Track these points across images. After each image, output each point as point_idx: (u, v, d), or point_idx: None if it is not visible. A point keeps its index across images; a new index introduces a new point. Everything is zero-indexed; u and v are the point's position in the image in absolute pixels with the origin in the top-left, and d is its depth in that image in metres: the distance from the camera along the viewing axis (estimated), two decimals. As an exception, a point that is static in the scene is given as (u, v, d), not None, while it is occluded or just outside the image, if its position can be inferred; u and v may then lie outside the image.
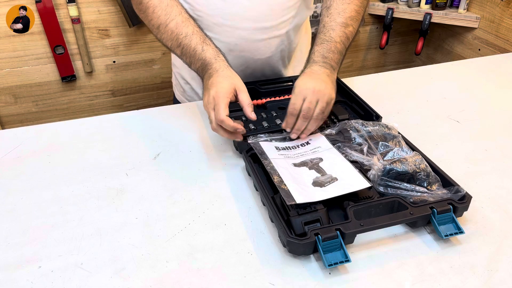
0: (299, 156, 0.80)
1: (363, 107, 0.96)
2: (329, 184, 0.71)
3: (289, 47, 1.08)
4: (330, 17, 0.91)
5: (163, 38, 0.90)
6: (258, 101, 1.02)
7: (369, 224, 0.64)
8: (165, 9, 0.89)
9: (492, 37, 1.76)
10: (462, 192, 0.70)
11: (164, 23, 0.89)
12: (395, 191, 0.72)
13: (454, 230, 0.66)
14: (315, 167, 0.75)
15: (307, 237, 0.62)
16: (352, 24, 0.92)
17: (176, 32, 0.87)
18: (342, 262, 0.61)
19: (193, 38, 0.86)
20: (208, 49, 0.86)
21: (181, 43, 0.87)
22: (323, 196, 0.68)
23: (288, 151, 0.82)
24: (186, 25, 0.87)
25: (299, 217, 0.66)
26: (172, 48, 0.90)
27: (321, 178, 0.73)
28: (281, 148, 0.82)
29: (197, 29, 0.88)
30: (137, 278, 0.62)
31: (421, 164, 0.74)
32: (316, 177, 0.73)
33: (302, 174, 0.75)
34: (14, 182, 0.82)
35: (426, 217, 0.67)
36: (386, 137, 0.82)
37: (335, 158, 0.78)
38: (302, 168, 0.77)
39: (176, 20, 0.88)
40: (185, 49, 0.87)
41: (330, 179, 0.72)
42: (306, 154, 0.80)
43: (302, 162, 0.78)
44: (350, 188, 0.70)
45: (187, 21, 0.88)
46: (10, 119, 1.88)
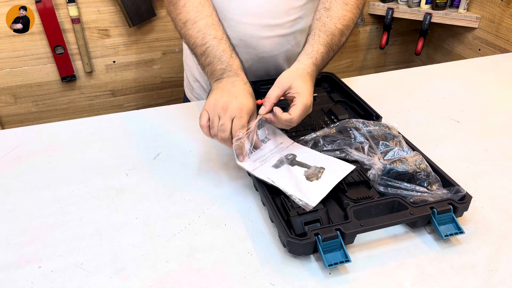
0: (270, 156, 0.79)
1: (363, 107, 0.96)
2: (322, 175, 0.72)
3: (295, 48, 1.08)
4: (330, 19, 0.90)
5: (188, 34, 0.88)
6: (258, 101, 1.02)
7: (369, 224, 0.64)
8: (197, 7, 0.88)
9: (492, 37, 1.76)
10: (462, 192, 0.70)
11: (193, 20, 0.87)
12: (395, 191, 0.72)
13: (454, 230, 0.66)
14: (297, 162, 0.75)
15: (307, 237, 0.62)
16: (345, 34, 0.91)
17: (204, 31, 0.85)
18: (342, 262, 0.61)
19: (222, 42, 0.84)
20: (237, 59, 0.84)
21: (207, 43, 0.84)
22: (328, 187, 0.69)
23: (255, 154, 0.79)
24: (216, 29, 0.86)
25: (299, 217, 0.66)
26: (195, 45, 0.87)
27: (310, 171, 0.73)
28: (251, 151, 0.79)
29: (226, 36, 0.87)
30: (137, 278, 0.62)
31: (421, 164, 0.74)
32: (305, 171, 0.74)
33: (291, 173, 0.74)
34: (14, 182, 0.82)
35: (426, 217, 0.67)
36: (387, 136, 0.82)
37: (305, 151, 0.78)
38: (284, 167, 0.76)
39: (206, 20, 0.86)
40: (210, 49, 0.84)
41: (318, 169, 0.73)
42: (276, 151, 0.80)
43: (279, 161, 0.78)
44: (342, 174, 0.71)
45: (217, 24, 0.87)
46: (10, 119, 1.88)
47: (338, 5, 0.91)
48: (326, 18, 0.90)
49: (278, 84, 0.80)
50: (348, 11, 0.91)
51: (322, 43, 0.86)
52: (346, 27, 0.91)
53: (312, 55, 0.85)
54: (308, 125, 0.93)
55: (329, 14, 0.90)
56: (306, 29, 1.06)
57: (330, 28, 0.88)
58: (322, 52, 0.86)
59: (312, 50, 0.86)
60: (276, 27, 1.00)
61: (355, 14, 0.93)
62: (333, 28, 0.88)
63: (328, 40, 0.87)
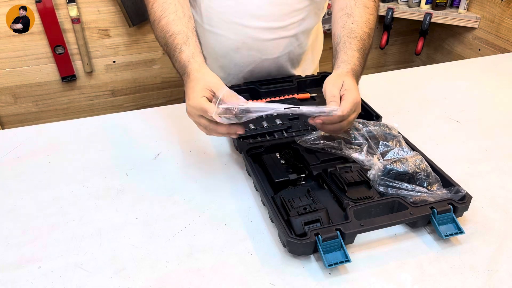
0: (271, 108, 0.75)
1: (363, 107, 0.96)
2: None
3: (298, 49, 1.08)
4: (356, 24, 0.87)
5: (156, 35, 0.88)
6: (258, 101, 1.02)
7: (369, 224, 0.64)
8: (162, 5, 0.86)
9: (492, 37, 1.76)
10: (462, 192, 0.70)
11: (158, 19, 0.86)
12: (395, 191, 0.72)
13: (454, 230, 0.66)
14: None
15: (307, 237, 0.62)
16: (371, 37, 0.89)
17: (165, 30, 0.84)
18: (342, 262, 0.61)
19: (177, 37, 0.81)
20: (186, 50, 0.80)
21: (167, 42, 0.83)
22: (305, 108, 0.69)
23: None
24: (176, 24, 0.83)
25: (299, 217, 0.66)
26: (162, 46, 0.87)
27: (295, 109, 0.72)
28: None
29: (184, 29, 0.83)
30: (137, 278, 0.62)
31: (421, 164, 0.74)
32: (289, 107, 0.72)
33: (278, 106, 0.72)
34: (14, 182, 0.82)
35: (426, 217, 0.67)
36: (387, 136, 0.82)
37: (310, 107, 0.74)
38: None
39: (168, 18, 0.84)
40: (168, 48, 0.83)
41: None
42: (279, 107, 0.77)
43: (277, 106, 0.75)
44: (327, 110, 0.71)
45: (178, 20, 0.84)
46: (10, 119, 1.88)
47: (360, 9, 0.88)
48: (351, 24, 0.87)
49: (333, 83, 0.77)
50: (371, 14, 0.89)
51: (355, 49, 0.84)
52: (372, 30, 0.89)
53: (349, 61, 0.82)
54: (308, 125, 0.93)
55: (353, 20, 0.88)
56: (309, 30, 1.06)
57: (359, 34, 0.86)
58: (358, 57, 0.83)
59: (348, 57, 0.83)
60: (279, 30, 1.00)
61: (376, 16, 0.92)
62: (361, 33, 0.86)
63: (360, 45, 0.85)
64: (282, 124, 0.93)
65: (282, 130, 0.92)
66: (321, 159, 0.81)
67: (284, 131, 0.92)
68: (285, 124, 0.93)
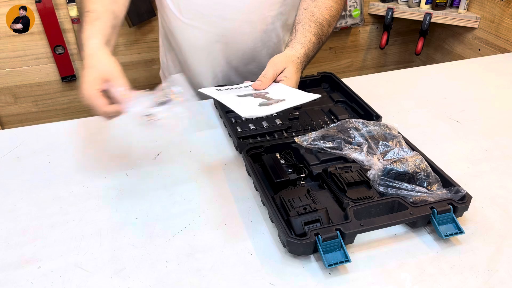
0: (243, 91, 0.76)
1: (363, 107, 0.96)
2: (276, 103, 0.68)
3: (278, 44, 1.07)
4: (318, 9, 0.89)
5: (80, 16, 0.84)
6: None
7: (369, 224, 0.64)
8: None
9: (492, 37, 1.76)
10: (462, 192, 0.70)
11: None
12: (395, 191, 0.72)
13: (454, 230, 0.66)
14: (261, 96, 0.72)
15: (307, 237, 0.62)
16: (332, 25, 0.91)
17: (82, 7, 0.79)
18: (342, 262, 0.61)
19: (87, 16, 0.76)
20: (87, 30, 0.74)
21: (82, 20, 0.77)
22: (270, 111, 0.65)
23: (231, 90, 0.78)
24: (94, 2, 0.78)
25: (299, 217, 0.66)
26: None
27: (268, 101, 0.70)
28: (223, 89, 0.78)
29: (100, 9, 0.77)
30: (137, 278, 0.62)
31: (421, 164, 0.74)
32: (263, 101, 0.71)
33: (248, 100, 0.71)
34: (14, 182, 0.82)
35: (426, 217, 0.67)
36: (387, 137, 0.82)
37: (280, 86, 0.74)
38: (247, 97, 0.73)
39: None
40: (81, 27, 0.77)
41: (277, 101, 0.70)
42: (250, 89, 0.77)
43: (246, 94, 0.74)
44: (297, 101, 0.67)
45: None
46: (10, 119, 1.87)
47: None
48: (314, 8, 0.89)
49: (273, 66, 0.80)
50: (335, 2, 0.91)
51: (313, 33, 0.87)
52: (333, 18, 0.91)
53: (305, 44, 0.85)
54: (308, 125, 0.93)
55: (316, 4, 0.90)
56: (289, 26, 1.05)
57: (319, 19, 0.88)
58: (313, 42, 0.87)
59: (305, 39, 0.86)
60: (257, 23, 0.99)
61: (341, 6, 0.93)
62: (322, 18, 0.89)
63: (318, 30, 0.88)
64: (282, 124, 0.93)
65: (282, 130, 0.92)
66: (321, 159, 0.81)
67: (284, 131, 0.92)
68: (285, 124, 0.93)
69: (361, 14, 2.03)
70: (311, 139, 0.82)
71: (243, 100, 0.69)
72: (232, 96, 0.73)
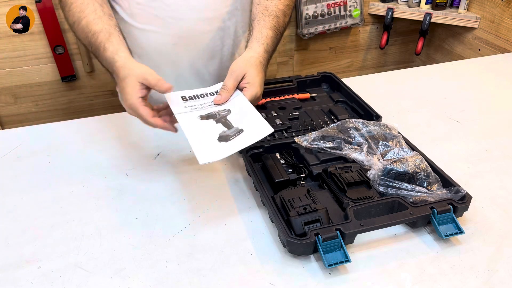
0: (206, 107, 0.76)
1: (363, 107, 0.96)
2: (234, 138, 0.69)
3: (236, 41, 1.05)
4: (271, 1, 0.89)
5: (78, 37, 0.85)
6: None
7: (369, 224, 0.64)
8: (80, 6, 0.83)
9: (492, 37, 1.76)
10: (462, 192, 0.70)
11: (77, 21, 0.83)
12: (395, 191, 0.72)
13: (454, 230, 0.66)
14: (222, 121, 0.73)
15: (307, 237, 0.62)
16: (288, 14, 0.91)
17: (86, 31, 0.81)
18: (342, 262, 0.61)
19: (99, 36, 0.79)
20: (109, 47, 0.78)
21: (90, 42, 0.81)
22: (228, 152, 0.67)
23: (195, 100, 0.77)
24: (97, 23, 0.81)
25: (299, 217, 0.66)
26: (86, 47, 0.84)
27: (227, 132, 0.71)
28: (188, 97, 0.77)
29: (106, 27, 0.81)
30: (137, 278, 0.62)
31: (421, 164, 0.74)
32: (223, 132, 0.72)
33: (208, 128, 0.72)
34: (14, 182, 0.82)
35: (426, 217, 0.67)
36: (387, 136, 0.82)
37: (241, 107, 0.74)
38: (208, 121, 0.73)
39: (88, 18, 0.82)
40: (93, 48, 0.81)
41: (236, 131, 0.70)
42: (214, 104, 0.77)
43: (209, 114, 0.74)
44: (254, 138, 0.68)
45: (98, 19, 0.82)
46: (10, 119, 1.87)
47: None
48: (266, 1, 0.90)
49: (233, 74, 0.79)
50: None
51: (269, 27, 0.86)
52: (287, 6, 0.91)
53: (262, 41, 0.85)
54: (308, 125, 0.93)
55: None
56: (245, 24, 1.04)
57: (273, 11, 0.88)
58: (271, 36, 0.86)
59: (262, 36, 0.85)
60: (213, 20, 0.97)
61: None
62: (276, 10, 0.88)
63: (274, 23, 0.87)
64: (282, 124, 0.93)
65: (282, 130, 0.92)
66: (321, 159, 0.81)
67: (284, 131, 0.92)
68: (285, 124, 0.93)
69: (361, 14, 2.03)
70: (311, 139, 0.82)
71: (203, 135, 0.70)
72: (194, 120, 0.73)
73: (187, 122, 0.72)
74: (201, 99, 0.78)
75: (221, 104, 0.77)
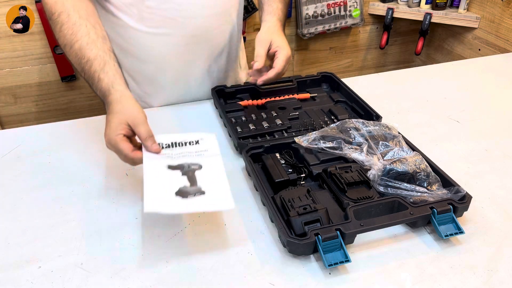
0: (180, 157, 0.72)
1: (363, 107, 0.96)
2: (193, 197, 0.65)
3: (238, 36, 1.08)
4: None
5: (70, 60, 0.82)
6: (258, 101, 1.02)
7: (369, 224, 0.64)
8: (72, 28, 0.80)
9: (492, 37, 1.76)
10: (462, 192, 0.70)
11: (69, 44, 0.80)
12: (395, 191, 0.72)
13: (454, 230, 0.66)
14: (189, 174, 0.68)
15: (307, 237, 0.62)
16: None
17: (79, 56, 0.78)
18: (342, 262, 0.61)
19: (94, 63, 0.77)
20: (104, 78, 0.76)
21: (84, 68, 0.78)
22: (178, 209, 0.63)
23: (171, 149, 0.73)
24: (90, 48, 0.78)
25: (299, 217, 0.66)
26: (78, 71, 0.81)
27: (188, 189, 0.66)
28: (165, 145, 0.74)
29: (100, 53, 0.78)
30: (137, 278, 0.62)
31: (421, 164, 0.74)
32: (184, 186, 0.67)
33: (171, 179, 0.67)
34: (14, 182, 0.82)
35: (426, 217, 0.67)
36: (387, 136, 0.82)
37: (214, 168, 0.71)
38: (175, 172, 0.69)
39: (81, 41, 0.78)
40: (86, 75, 0.78)
41: (196, 191, 0.66)
42: (189, 155, 0.72)
43: (178, 165, 0.70)
44: (211, 207, 0.64)
45: (92, 43, 0.79)
46: (10, 119, 1.87)
47: None
48: None
49: (261, 43, 0.91)
50: None
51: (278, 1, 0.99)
52: None
53: (274, 13, 0.97)
54: (308, 125, 0.93)
55: None
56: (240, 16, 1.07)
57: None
58: (281, 8, 0.99)
59: (272, 9, 0.98)
60: (222, 15, 1.00)
61: None
62: None
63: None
64: (282, 124, 0.93)
65: (282, 130, 0.92)
66: (321, 159, 0.81)
67: (284, 131, 0.92)
68: (285, 124, 0.93)
69: (361, 14, 2.03)
70: (311, 139, 0.82)
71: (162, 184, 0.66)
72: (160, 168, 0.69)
73: (151, 168, 0.68)
74: (178, 148, 0.74)
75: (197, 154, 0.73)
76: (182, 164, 0.70)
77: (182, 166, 0.70)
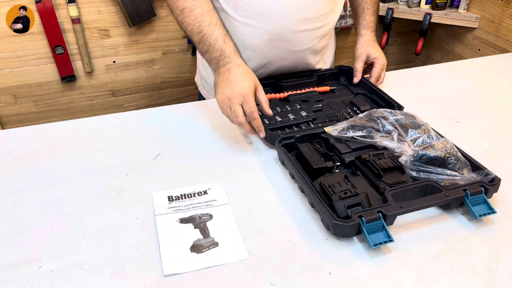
0: (190, 209, 0.74)
1: (383, 98, 1.00)
2: (207, 250, 0.66)
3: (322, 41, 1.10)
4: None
5: (185, 22, 0.92)
6: (281, 95, 1.04)
7: (408, 206, 0.67)
8: None
9: (492, 37, 1.76)
10: (491, 175, 0.73)
11: (189, 8, 0.90)
12: (427, 176, 0.74)
13: (487, 211, 0.70)
14: (201, 226, 0.70)
15: (352, 219, 0.64)
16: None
17: (200, 19, 0.89)
18: (386, 242, 0.64)
19: (217, 28, 0.89)
20: (230, 43, 0.88)
21: (203, 31, 0.89)
22: (195, 267, 0.64)
23: (180, 201, 0.76)
24: (211, 15, 0.90)
25: (342, 201, 0.68)
26: (192, 33, 0.91)
27: (201, 241, 0.68)
28: (174, 197, 0.77)
29: (220, 22, 0.90)
30: (137, 278, 0.62)
31: (451, 150, 0.78)
32: (197, 239, 0.68)
33: (184, 234, 0.69)
34: (14, 182, 0.82)
35: (459, 199, 0.70)
36: (414, 124, 0.85)
37: (224, 218, 0.73)
38: (187, 225, 0.71)
39: (202, 8, 0.90)
40: (206, 37, 0.89)
41: (210, 243, 0.67)
42: (199, 206, 0.75)
43: (190, 218, 0.72)
44: (225, 260, 0.65)
45: (212, 11, 0.91)
46: (10, 119, 1.87)
47: None
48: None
49: (359, 58, 1.11)
50: None
51: (371, 13, 1.14)
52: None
53: (368, 26, 1.14)
54: (333, 116, 0.96)
55: None
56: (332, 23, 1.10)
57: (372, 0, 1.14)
58: (373, 20, 1.15)
59: (366, 22, 1.14)
60: (312, 20, 1.02)
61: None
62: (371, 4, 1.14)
63: (374, 9, 1.15)
64: (307, 116, 0.95)
65: (308, 122, 0.94)
66: (352, 147, 0.84)
67: (310, 122, 0.94)
68: (310, 116, 0.96)
69: (361, 14, 2.03)
70: (340, 129, 0.84)
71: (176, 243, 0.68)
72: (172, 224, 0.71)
73: (164, 226, 0.70)
74: (187, 199, 0.76)
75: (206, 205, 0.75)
76: (193, 216, 0.73)
77: (194, 218, 0.72)
